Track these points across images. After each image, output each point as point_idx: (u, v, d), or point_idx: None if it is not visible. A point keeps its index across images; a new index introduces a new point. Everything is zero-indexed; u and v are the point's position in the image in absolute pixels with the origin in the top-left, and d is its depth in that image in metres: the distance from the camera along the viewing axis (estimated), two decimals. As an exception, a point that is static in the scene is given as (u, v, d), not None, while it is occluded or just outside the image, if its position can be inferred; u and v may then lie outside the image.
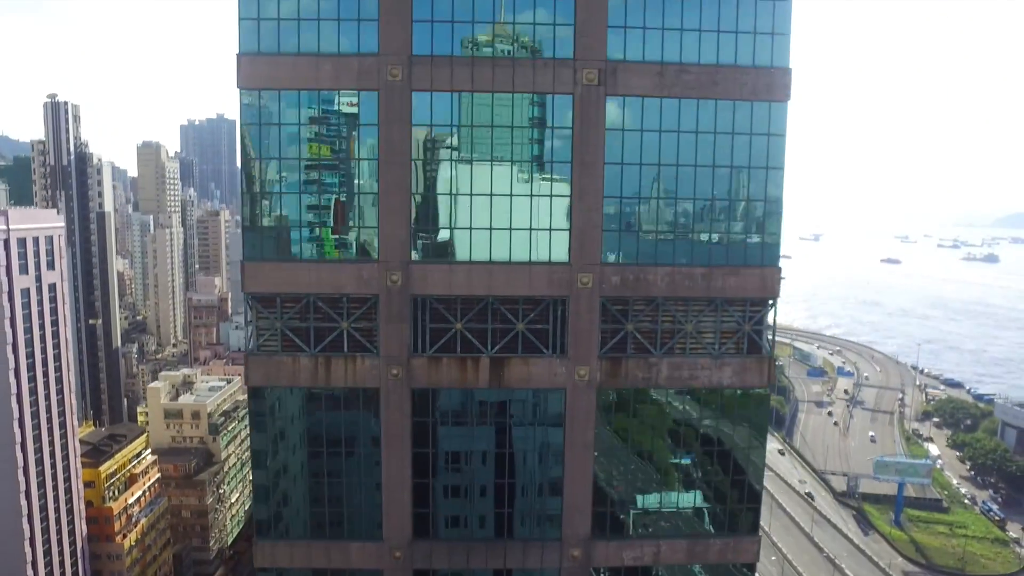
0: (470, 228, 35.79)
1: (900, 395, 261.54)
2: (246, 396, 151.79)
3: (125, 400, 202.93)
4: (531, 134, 35.54)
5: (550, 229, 35.95)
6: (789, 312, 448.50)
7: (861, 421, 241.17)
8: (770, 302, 37.69)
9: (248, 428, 45.59)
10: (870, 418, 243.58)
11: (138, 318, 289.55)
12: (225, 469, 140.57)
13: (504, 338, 36.71)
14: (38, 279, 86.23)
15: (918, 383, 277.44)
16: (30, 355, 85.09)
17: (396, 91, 34.60)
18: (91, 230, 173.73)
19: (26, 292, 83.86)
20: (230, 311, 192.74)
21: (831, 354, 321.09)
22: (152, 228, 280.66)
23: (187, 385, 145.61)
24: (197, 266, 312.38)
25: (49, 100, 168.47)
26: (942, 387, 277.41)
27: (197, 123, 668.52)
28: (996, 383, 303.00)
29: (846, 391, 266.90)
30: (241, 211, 35.17)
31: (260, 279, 35.84)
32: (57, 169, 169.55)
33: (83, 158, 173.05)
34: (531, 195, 35.62)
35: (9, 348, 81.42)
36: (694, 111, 35.98)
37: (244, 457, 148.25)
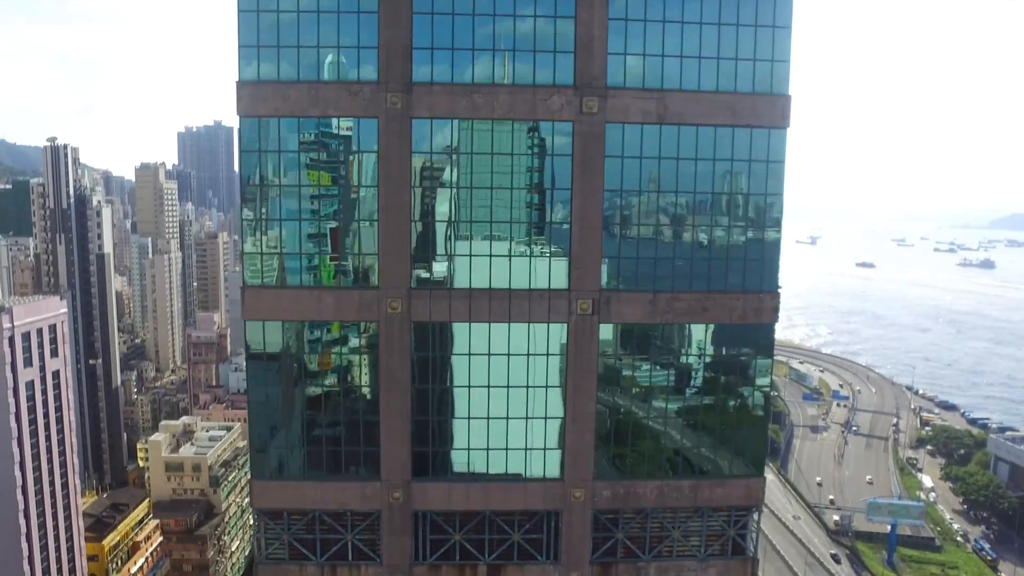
0: (468, 448, 37.39)
1: (895, 420, 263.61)
2: (246, 443, 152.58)
3: (125, 434, 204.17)
4: (527, 361, 37.00)
5: (544, 448, 37.50)
6: (779, 323, 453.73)
7: (856, 448, 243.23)
8: (754, 509, 39.29)
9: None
10: (864, 444, 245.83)
11: (137, 341, 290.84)
12: (226, 520, 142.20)
13: (500, 547, 38.32)
14: (42, 368, 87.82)
15: (912, 406, 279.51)
16: (35, 445, 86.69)
17: (396, 322, 36.09)
18: (91, 272, 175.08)
19: (30, 384, 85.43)
20: (229, 350, 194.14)
21: (824, 371, 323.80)
22: (151, 252, 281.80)
23: (187, 435, 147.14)
24: (195, 283, 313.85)
25: (49, 144, 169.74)
26: (936, 411, 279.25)
27: (195, 130, 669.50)
28: (992, 403, 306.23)
29: (843, 406, 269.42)
30: (249, 436, 36.78)
31: (268, 496, 37.44)
32: (57, 212, 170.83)
33: (83, 200, 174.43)
34: (526, 417, 37.17)
35: (15, 442, 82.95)
36: (686, 335, 37.58)
37: (244, 505, 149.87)
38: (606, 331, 37.05)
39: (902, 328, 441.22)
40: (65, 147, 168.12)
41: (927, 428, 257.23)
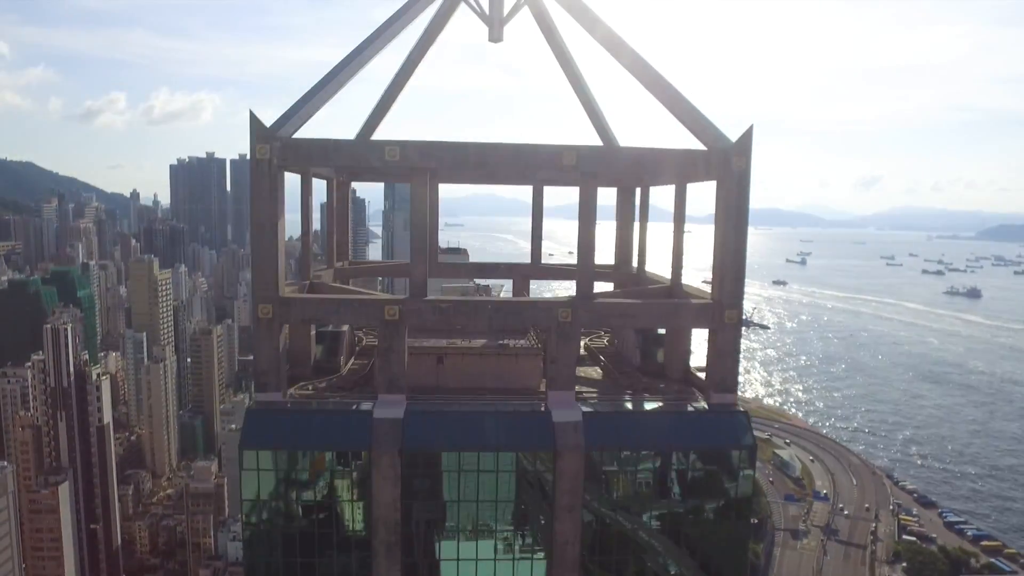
0: None
1: (873, 524, 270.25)
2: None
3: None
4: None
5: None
6: (759, 372, 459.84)
7: (835, 558, 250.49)
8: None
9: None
10: (843, 554, 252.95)
11: (132, 438, 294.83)
12: None
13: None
14: None
15: (891, 505, 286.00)
16: None
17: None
18: (91, 443, 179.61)
19: None
20: (227, 507, 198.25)
21: (791, 444, 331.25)
22: (146, 352, 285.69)
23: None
24: (190, 360, 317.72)
25: (49, 326, 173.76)
26: (915, 510, 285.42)
27: (187, 161, 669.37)
28: (972, 488, 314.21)
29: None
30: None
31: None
32: (58, 391, 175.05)
33: (82, 376, 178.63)
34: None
35: None
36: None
37: None
38: None
39: (887, 387, 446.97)
40: (65, 329, 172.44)
41: (906, 532, 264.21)
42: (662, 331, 48.83)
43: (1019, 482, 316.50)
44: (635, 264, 55.83)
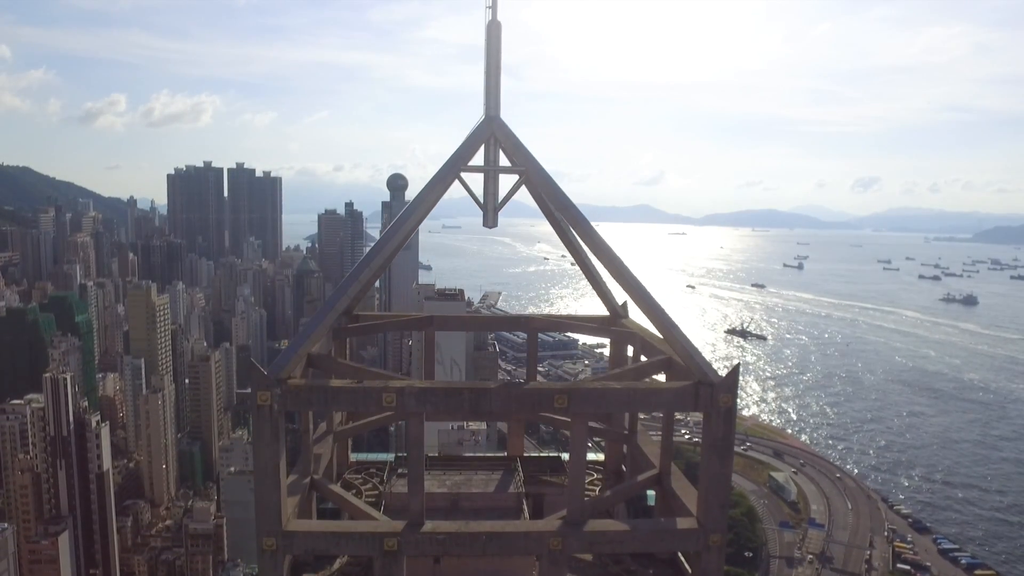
0: None
1: (868, 552, 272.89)
2: None
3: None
4: None
5: None
6: (754, 387, 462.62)
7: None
8: None
9: None
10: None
11: (130, 465, 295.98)
12: None
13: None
14: None
15: (886, 531, 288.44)
16: None
17: None
18: (91, 490, 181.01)
19: None
20: (227, 551, 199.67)
21: (798, 472, 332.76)
22: (144, 381, 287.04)
23: None
24: (188, 381, 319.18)
25: (49, 375, 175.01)
26: (910, 537, 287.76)
27: (184, 170, 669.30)
28: (964, 512, 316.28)
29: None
30: None
31: None
32: (57, 439, 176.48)
33: (83, 423, 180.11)
34: None
35: None
36: None
37: None
38: None
39: (882, 402, 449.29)
40: (64, 379, 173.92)
41: (900, 560, 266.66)
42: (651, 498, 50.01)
43: (1014, 506, 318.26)
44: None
